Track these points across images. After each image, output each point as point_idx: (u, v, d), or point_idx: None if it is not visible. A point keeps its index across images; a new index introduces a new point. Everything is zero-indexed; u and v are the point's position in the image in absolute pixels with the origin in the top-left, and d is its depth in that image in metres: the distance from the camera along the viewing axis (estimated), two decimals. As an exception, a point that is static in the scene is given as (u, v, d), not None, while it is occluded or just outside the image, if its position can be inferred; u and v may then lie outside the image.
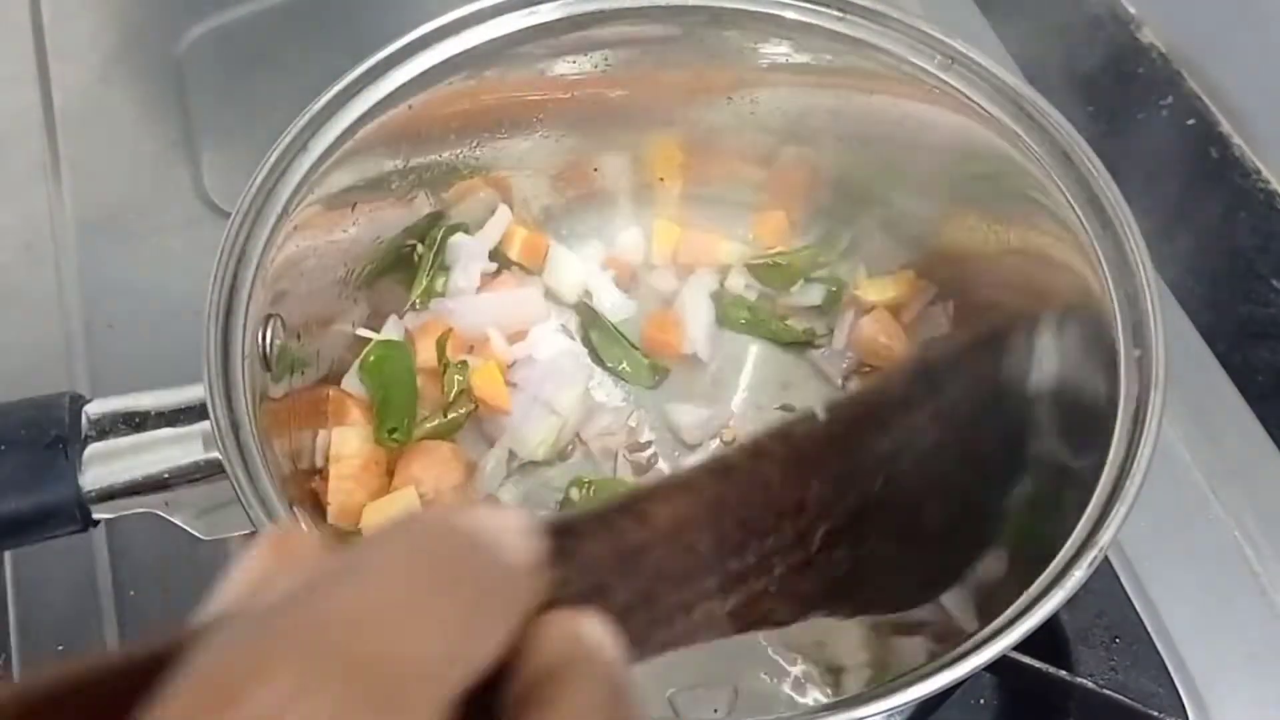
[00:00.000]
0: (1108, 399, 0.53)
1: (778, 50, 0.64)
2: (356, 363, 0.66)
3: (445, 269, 0.69)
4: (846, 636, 0.60)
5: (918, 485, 0.36)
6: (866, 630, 0.60)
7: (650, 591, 0.27)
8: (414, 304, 0.69)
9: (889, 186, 0.69)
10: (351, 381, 0.66)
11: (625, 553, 0.27)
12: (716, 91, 0.68)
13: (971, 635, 0.46)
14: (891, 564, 0.36)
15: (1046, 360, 0.47)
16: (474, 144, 0.68)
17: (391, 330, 0.68)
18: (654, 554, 0.27)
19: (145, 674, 0.20)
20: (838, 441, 0.33)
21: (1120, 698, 0.56)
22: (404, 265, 0.69)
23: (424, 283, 0.69)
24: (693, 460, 0.69)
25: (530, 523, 0.23)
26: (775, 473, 0.31)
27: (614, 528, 0.27)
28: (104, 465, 0.52)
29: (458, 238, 0.69)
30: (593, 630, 0.23)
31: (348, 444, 0.63)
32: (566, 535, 0.25)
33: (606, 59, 0.66)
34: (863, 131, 0.67)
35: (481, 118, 0.67)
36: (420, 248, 0.69)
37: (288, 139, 0.57)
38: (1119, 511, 0.49)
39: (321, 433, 0.63)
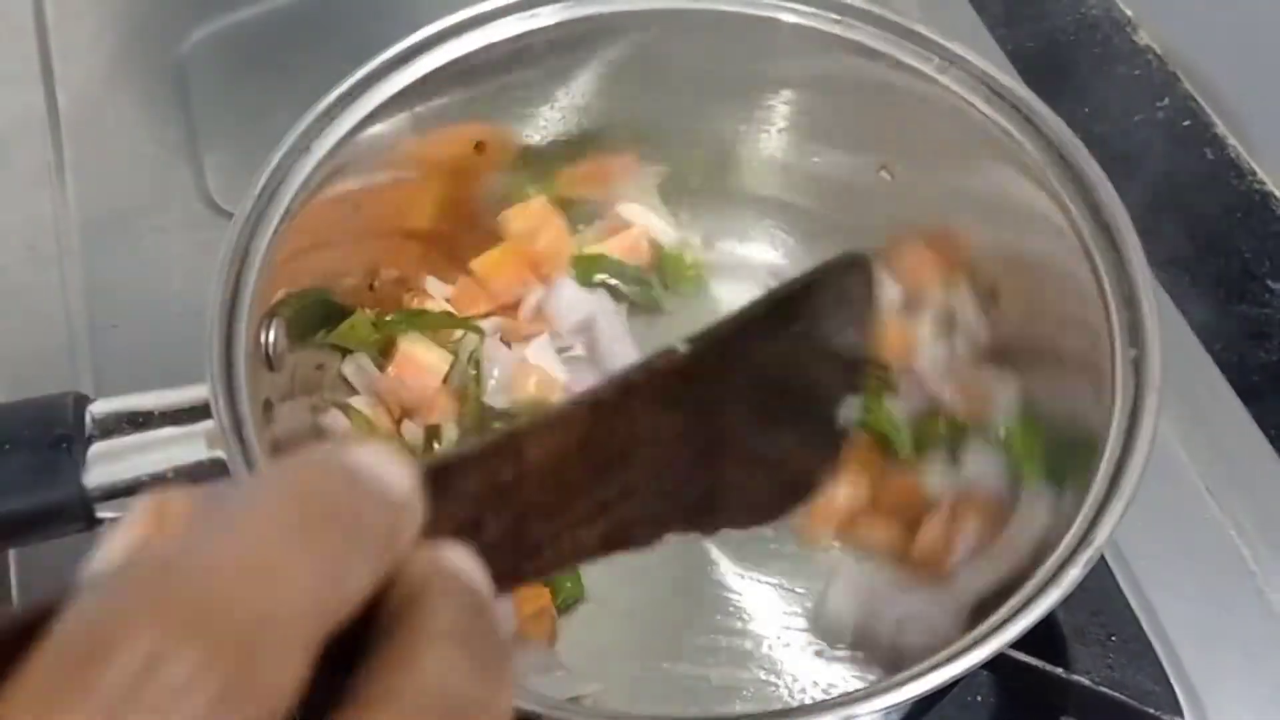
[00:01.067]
0: (1104, 399, 0.53)
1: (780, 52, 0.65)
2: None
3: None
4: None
5: (770, 408, 0.37)
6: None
7: (521, 524, 0.28)
8: None
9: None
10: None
11: (498, 488, 0.28)
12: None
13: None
14: (746, 484, 0.37)
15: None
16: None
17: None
18: (526, 488, 0.28)
19: (28, 633, 0.19)
20: (698, 373, 0.34)
21: (1117, 695, 0.56)
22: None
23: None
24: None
25: (407, 460, 0.24)
26: (640, 405, 0.32)
27: (488, 465, 0.28)
28: (108, 464, 0.52)
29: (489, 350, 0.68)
30: (454, 556, 0.24)
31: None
32: (442, 474, 0.26)
33: (608, 62, 0.66)
34: (860, 132, 0.67)
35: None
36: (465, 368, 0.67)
37: (290, 141, 0.58)
38: (1115, 510, 0.49)
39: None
